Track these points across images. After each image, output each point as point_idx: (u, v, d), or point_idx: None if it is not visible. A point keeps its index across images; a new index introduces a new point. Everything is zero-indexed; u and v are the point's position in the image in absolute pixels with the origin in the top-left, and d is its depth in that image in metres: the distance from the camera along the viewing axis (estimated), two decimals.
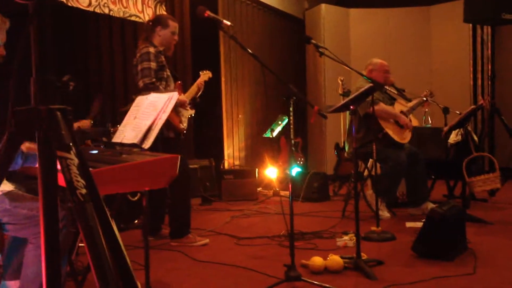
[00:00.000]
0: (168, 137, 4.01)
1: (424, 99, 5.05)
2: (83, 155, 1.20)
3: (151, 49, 3.94)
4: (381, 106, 4.67)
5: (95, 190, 1.24)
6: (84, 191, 1.13)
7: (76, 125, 3.84)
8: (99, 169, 1.88)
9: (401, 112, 4.94)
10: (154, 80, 3.86)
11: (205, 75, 4.41)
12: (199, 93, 4.34)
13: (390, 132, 4.70)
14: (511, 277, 3.02)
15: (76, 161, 1.14)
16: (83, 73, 5.09)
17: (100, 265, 1.10)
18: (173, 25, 4.14)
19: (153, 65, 3.90)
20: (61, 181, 1.19)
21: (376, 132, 4.62)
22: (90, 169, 1.91)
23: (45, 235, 1.18)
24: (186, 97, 4.17)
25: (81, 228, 1.11)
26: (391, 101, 4.93)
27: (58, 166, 1.18)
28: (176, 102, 3.99)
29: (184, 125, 4.15)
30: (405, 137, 4.84)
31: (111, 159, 2.16)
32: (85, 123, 3.88)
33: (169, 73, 4.09)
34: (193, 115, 4.38)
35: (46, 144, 1.17)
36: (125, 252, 1.84)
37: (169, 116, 3.92)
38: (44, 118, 1.16)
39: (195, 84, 4.33)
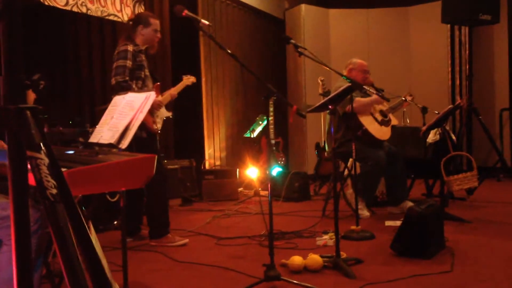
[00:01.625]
0: (141, 137, 3.96)
1: (403, 98, 5.08)
2: (54, 154, 1.19)
3: (130, 47, 3.91)
4: (358, 102, 4.70)
5: (67, 190, 1.22)
6: (54, 191, 1.11)
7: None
8: (74, 169, 1.86)
9: (381, 111, 4.98)
10: (127, 78, 3.82)
11: (188, 80, 4.35)
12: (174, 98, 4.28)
13: (370, 129, 4.72)
14: (489, 274, 3.05)
15: (46, 160, 1.12)
16: (61, 73, 5.03)
17: (71, 268, 1.08)
18: (155, 22, 4.10)
19: (129, 63, 3.86)
20: (33, 181, 1.17)
21: (355, 130, 4.65)
22: (65, 169, 1.89)
23: (16, 236, 1.16)
24: (163, 99, 4.12)
25: (52, 229, 1.10)
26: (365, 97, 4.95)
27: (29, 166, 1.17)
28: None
29: (158, 126, 4.09)
30: (385, 134, 4.87)
31: (87, 159, 2.13)
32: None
33: (147, 73, 4.05)
34: (170, 116, 4.33)
35: (16, 144, 1.15)
36: (99, 254, 1.81)
37: None
38: (14, 118, 1.14)
39: (175, 88, 4.27)
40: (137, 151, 3.57)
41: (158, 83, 4.17)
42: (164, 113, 4.20)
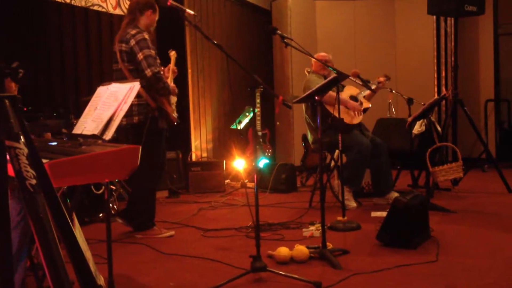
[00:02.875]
0: (162, 128, 3.91)
1: (378, 82, 5.04)
2: (34, 144, 1.16)
3: (146, 35, 3.80)
4: (329, 95, 4.69)
5: (48, 181, 1.20)
6: (34, 181, 1.09)
7: None
8: (56, 161, 1.83)
9: (351, 96, 4.97)
10: (159, 69, 3.75)
11: (173, 56, 4.25)
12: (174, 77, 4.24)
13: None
14: (473, 264, 3.07)
15: (25, 150, 1.10)
16: (46, 64, 4.96)
17: (51, 259, 1.06)
18: (158, 11, 4.05)
19: (153, 52, 3.78)
20: (12, 172, 1.15)
21: (325, 118, 4.62)
22: (47, 160, 1.87)
23: None
24: (170, 82, 4.05)
25: (31, 220, 1.08)
26: (341, 89, 4.93)
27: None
28: (169, 90, 3.88)
29: (175, 114, 4.04)
30: (355, 118, 4.85)
31: (70, 150, 2.11)
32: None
33: (159, 61, 3.94)
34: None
35: None
36: (83, 246, 1.80)
37: (165, 106, 3.84)
38: None
39: (170, 71, 4.17)
40: (152, 145, 3.55)
41: (163, 68, 4.09)
42: (173, 98, 4.13)
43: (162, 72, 3.91)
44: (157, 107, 3.82)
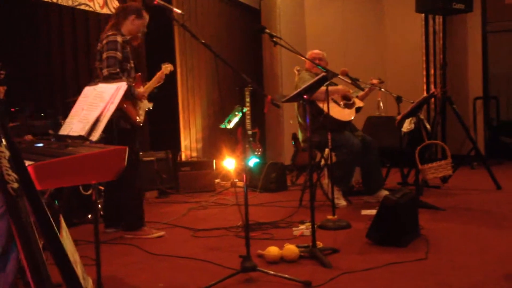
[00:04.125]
0: (125, 128, 3.93)
1: (371, 84, 5.06)
2: (16, 147, 1.14)
3: (119, 38, 3.87)
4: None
5: (31, 184, 1.18)
6: (16, 185, 1.07)
7: None
8: (42, 162, 1.81)
9: (343, 96, 4.98)
10: (118, 70, 3.80)
11: (166, 68, 4.30)
12: (158, 85, 4.27)
13: (331, 113, 4.69)
14: (462, 262, 3.08)
15: (7, 153, 1.08)
16: (33, 64, 4.91)
17: (34, 264, 1.04)
18: (146, 17, 4.11)
19: (119, 55, 3.83)
20: None
21: (316, 116, 4.63)
22: (33, 162, 1.84)
23: None
24: (145, 90, 4.11)
25: (13, 224, 1.06)
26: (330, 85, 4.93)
27: None
28: (134, 95, 3.93)
29: (141, 118, 4.09)
30: (347, 115, 4.86)
31: (56, 152, 2.09)
32: None
33: (132, 65, 4.03)
34: (151, 108, 4.28)
35: None
36: (70, 248, 1.78)
37: (126, 108, 3.88)
38: None
39: (156, 77, 4.24)
40: (119, 143, 3.51)
41: (139, 74, 4.16)
42: (146, 104, 4.18)
43: (135, 78, 3.99)
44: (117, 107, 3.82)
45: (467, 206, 4.71)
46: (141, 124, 4.12)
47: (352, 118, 4.89)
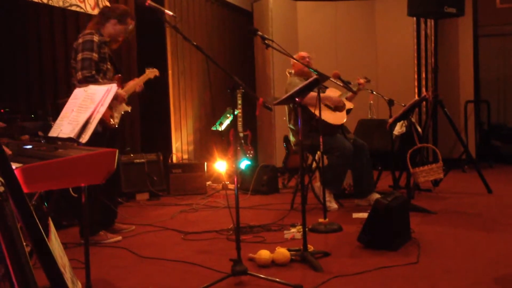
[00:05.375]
0: (96, 131, 3.84)
1: (357, 84, 5.06)
2: (2, 149, 1.12)
3: (95, 38, 3.79)
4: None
5: (18, 187, 1.16)
6: (1, 189, 1.05)
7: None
8: (30, 165, 1.79)
9: None
10: (93, 72, 3.72)
11: (151, 73, 4.24)
12: (139, 91, 4.19)
13: (322, 117, 4.70)
14: (454, 265, 3.08)
15: None
16: (23, 65, 4.87)
17: (20, 270, 1.02)
18: (131, 23, 4.06)
19: (94, 56, 3.75)
20: None
21: (309, 121, 4.63)
22: (21, 164, 1.82)
23: None
24: (125, 92, 4.03)
25: None
26: (322, 89, 4.94)
27: None
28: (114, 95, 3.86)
29: (115, 120, 3.98)
30: (339, 118, 4.86)
31: (45, 154, 2.06)
32: None
33: (109, 66, 3.94)
34: (129, 111, 4.21)
35: None
36: (59, 251, 1.76)
37: None
38: None
39: (139, 80, 4.16)
40: (90, 146, 3.47)
41: (120, 75, 4.05)
42: (123, 107, 4.07)
43: (115, 80, 3.92)
44: None
45: (458, 209, 4.72)
46: (116, 126, 4.02)
47: (344, 120, 4.89)
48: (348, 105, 5.00)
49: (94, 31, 3.86)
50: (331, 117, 4.79)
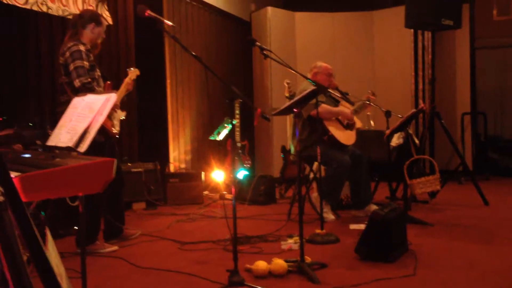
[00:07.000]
0: (99, 141, 3.84)
1: (367, 102, 5.13)
2: (2, 159, 1.12)
3: (82, 47, 3.77)
4: (324, 107, 4.72)
5: (17, 196, 1.15)
6: (1, 198, 1.05)
7: None
8: (28, 174, 1.78)
9: None
10: (90, 79, 3.71)
11: (132, 73, 4.19)
12: (127, 93, 4.17)
13: (336, 135, 4.74)
14: (451, 277, 3.08)
15: None
16: (22, 73, 4.87)
17: (18, 279, 1.02)
18: (104, 23, 4.04)
19: (86, 64, 3.73)
20: None
21: (321, 135, 4.67)
22: (19, 173, 1.81)
23: None
24: (117, 100, 4.01)
25: None
26: (335, 103, 4.99)
27: None
28: None
29: (116, 128, 3.99)
30: (350, 138, 4.91)
31: (43, 163, 2.05)
32: None
33: (99, 73, 3.93)
34: (124, 117, 4.20)
35: None
36: (56, 261, 1.75)
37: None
38: None
39: (123, 84, 4.11)
40: (92, 156, 3.45)
41: (109, 82, 4.02)
42: (119, 114, 4.08)
43: (105, 87, 3.91)
44: None
45: (455, 221, 4.72)
46: (117, 136, 4.03)
47: (354, 141, 4.93)
48: (358, 123, 5.03)
49: (76, 41, 3.82)
50: (342, 136, 4.81)
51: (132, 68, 4.26)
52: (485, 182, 7.06)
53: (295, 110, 3.41)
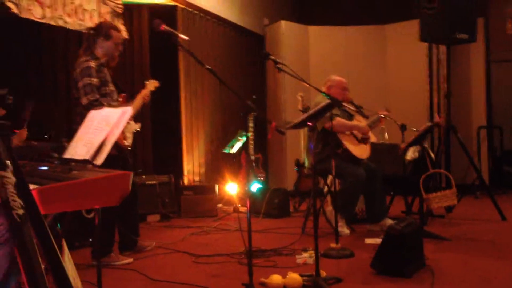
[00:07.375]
0: (110, 154, 3.85)
1: (382, 115, 5.11)
2: (21, 172, 1.13)
3: (92, 63, 3.79)
4: (338, 120, 4.71)
5: (36, 209, 1.16)
6: (21, 211, 1.05)
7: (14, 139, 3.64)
8: (46, 186, 1.79)
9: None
10: (98, 97, 3.72)
11: (151, 85, 4.20)
12: (143, 105, 4.16)
13: (350, 148, 4.73)
14: None
15: (12, 179, 1.07)
16: (38, 86, 4.93)
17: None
18: (116, 35, 4.00)
19: (94, 81, 3.75)
20: None
21: (335, 148, 4.65)
22: (37, 186, 1.83)
23: None
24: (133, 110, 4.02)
25: (18, 250, 1.04)
26: (349, 117, 4.98)
27: None
28: None
29: (128, 141, 4.00)
30: (364, 153, 4.89)
31: (60, 175, 2.06)
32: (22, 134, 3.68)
33: (112, 88, 3.94)
34: (138, 129, 4.21)
35: None
36: (72, 273, 1.76)
37: None
38: None
39: (140, 96, 4.11)
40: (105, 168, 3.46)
41: (124, 94, 4.05)
42: (133, 126, 4.09)
43: (120, 100, 3.92)
44: None
45: (472, 236, 4.66)
46: (129, 148, 4.03)
47: (368, 155, 4.92)
48: (372, 138, 5.02)
49: (89, 57, 3.84)
50: (356, 150, 4.80)
51: (150, 80, 4.27)
52: (502, 196, 6.97)
53: (309, 123, 3.40)
